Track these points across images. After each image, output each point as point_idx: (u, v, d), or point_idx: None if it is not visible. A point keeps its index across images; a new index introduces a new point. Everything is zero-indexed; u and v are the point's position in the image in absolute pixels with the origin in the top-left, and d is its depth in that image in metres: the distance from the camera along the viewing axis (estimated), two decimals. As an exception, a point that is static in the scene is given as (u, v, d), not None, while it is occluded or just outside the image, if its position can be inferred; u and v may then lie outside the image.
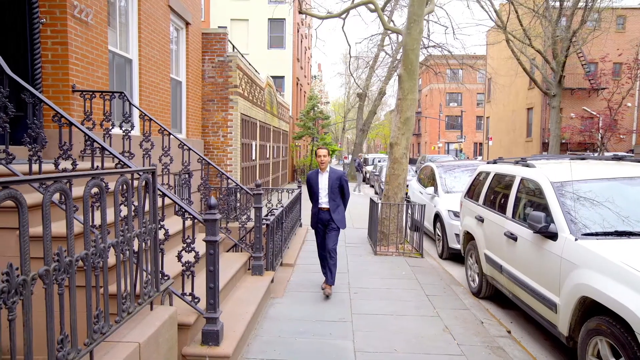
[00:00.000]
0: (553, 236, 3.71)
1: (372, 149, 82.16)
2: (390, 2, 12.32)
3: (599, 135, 21.01)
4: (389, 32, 18.46)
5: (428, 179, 9.76)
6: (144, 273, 2.78)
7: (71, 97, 5.20)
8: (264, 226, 5.43)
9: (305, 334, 4.18)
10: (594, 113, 23.37)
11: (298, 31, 26.39)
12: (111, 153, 3.34)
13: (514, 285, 4.44)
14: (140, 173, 2.74)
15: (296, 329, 4.30)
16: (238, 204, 6.57)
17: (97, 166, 3.68)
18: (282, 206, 6.73)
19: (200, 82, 10.43)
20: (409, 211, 8.09)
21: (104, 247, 2.25)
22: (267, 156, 15.88)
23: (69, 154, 3.45)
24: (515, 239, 4.40)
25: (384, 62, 25.84)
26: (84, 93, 5.17)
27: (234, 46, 12.13)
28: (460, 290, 5.74)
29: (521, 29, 18.04)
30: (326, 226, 5.34)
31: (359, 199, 16.47)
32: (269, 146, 16.24)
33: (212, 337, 3.32)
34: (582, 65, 24.35)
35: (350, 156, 32.81)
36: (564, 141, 22.77)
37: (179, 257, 3.36)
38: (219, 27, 24.00)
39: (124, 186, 2.51)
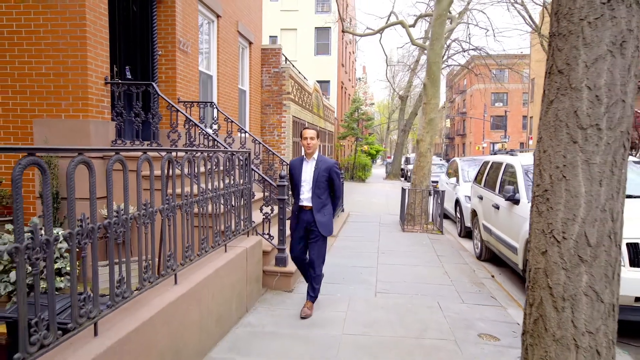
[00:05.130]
0: (517, 202, 5.27)
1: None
2: (421, 19, 13.83)
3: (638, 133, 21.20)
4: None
5: (454, 172, 11.25)
6: (246, 213, 4.67)
7: (177, 105, 7.27)
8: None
9: (344, 272, 5.95)
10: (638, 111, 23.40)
11: (343, 38, 28.18)
12: (220, 144, 5.29)
13: (497, 243, 5.99)
14: (243, 153, 4.64)
15: (337, 269, 6.08)
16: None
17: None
18: (327, 189, 8.55)
19: (260, 90, 12.48)
20: (436, 197, 9.65)
21: (231, 191, 4.15)
22: (314, 154, 17.80)
23: (194, 144, 5.45)
24: (498, 207, 5.96)
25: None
26: (186, 103, 7.23)
27: (286, 58, 14.10)
28: (466, 254, 7.30)
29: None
30: (308, 231, 4.25)
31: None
32: (316, 145, 18.16)
33: (281, 261, 5.17)
34: (626, 64, 24.38)
35: (393, 156, 34.13)
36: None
37: (261, 209, 5.25)
38: (270, 36, 26.28)
39: (238, 159, 4.41)
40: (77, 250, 2.01)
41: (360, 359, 3.33)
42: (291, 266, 5.22)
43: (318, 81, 22.38)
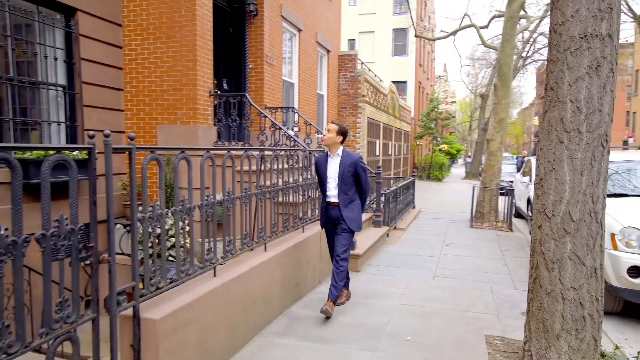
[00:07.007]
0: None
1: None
2: (493, 20, 13.81)
3: None
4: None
5: (528, 170, 11.24)
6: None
7: (264, 112, 8.41)
8: (383, 196, 8.00)
9: (408, 260, 6.62)
10: None
11: (421, 38, 28.23)
12: (300, 144, 6.24)
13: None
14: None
15: (402, 257, 6.76)
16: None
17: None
18: (396, 186, 9.21)
19: (336, 93, 13.41)
20: (509, 196, 9.84)
21: (308, 183, 5.05)
22: (389, 153, 18.36)
23: (279, 144, 6.47)
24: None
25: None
26: (272, 109, 8.33)
27: (362, 63, 14.88)
28: (531, 250, 7.54)
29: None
30: (336, 226, 4.24)
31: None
32: (391, 144, 18.69)
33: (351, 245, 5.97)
34: None
35: (472, 155, 33.31)
36: None
37: (333, 200, 6.09)
38: (348, 40, 27.19)
39: (314, 157, 5.30)
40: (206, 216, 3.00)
41: (409, 321, 4.04)
42: (359, 250, 6.02)
43: (395, 81, 22.83)
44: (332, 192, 4.19)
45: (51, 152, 2.09)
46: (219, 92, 7.15)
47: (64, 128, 5.52)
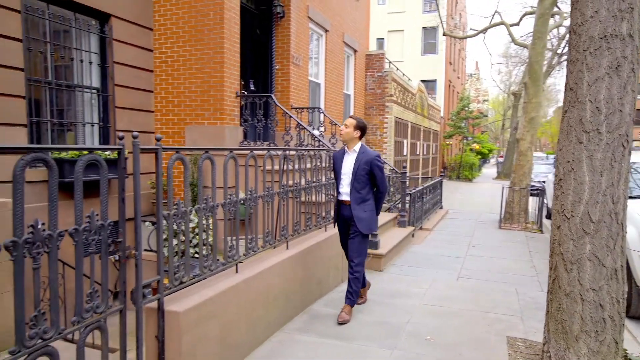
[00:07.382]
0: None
1: (538, 148, 75.98)
2: (524, 17, 13.46)
3: None
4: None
5: (561, 171, 10.94)
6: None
7: (290, 112, 8.52)
8: (408, 196, 7.97)
9: (432, 260, 6.59)
10: None
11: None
12: (325, 144, 6.31)
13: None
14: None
15: (426, 257, 6.73)
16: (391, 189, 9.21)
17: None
18: (422, 186, 9.14)
19: (363, 93, 13.40)
20: (539, 197, 9.61)
21: (331, 183, 5.12)
22: (417, 152, 18.19)
23: (303, 144, 6.57)
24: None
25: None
26: (298, 109, 8.43)
27: (390, 62, 14.81)
28: (561, 252, 7.34)
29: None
30: (348, 226, 4.05)
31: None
32: (419, 144, 18.50)
33: (374, 245, 6.00)
34: None
35: (505, 155, 32.52)
36: None
37: (357, 200, 6.13)
38: (377, 39, 27.07)
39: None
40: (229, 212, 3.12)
41: (430, 321, 4.04)
42: (382, 249, 6.04)
43: (424, 80, 22.57)
44: (345, 190, 4.00)
45: (84, 152, 2.24)
46: (245, 92, 7.31)
47: (97, 129, 5.80)
